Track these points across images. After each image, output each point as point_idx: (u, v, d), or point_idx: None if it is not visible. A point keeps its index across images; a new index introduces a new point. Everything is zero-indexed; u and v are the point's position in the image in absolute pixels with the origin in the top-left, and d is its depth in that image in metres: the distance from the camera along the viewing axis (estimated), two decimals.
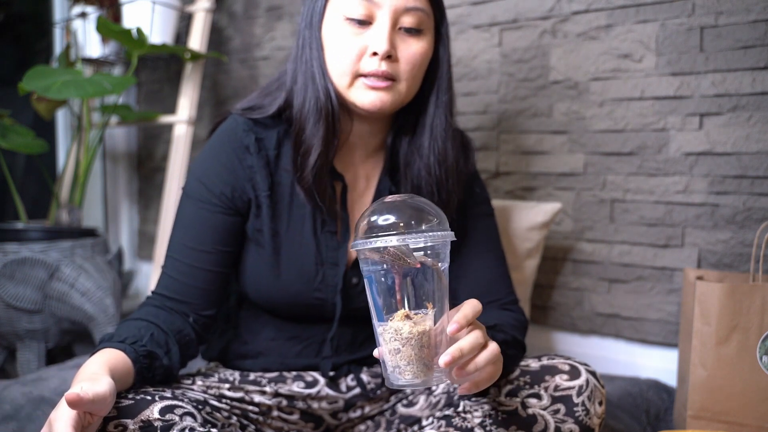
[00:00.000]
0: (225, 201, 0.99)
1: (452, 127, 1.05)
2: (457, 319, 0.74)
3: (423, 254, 0.73)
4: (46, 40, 2.38)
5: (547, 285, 1.63)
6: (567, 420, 0.88)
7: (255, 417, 0.99)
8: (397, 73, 0.96)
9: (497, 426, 0.90)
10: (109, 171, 2.52)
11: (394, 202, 0.76)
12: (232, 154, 1.00)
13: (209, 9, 2.04)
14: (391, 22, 0.94)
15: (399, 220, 0.73)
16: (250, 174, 1.00)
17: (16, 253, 1.65)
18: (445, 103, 1.03)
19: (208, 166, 1.01)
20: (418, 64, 0.98)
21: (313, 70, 0.99)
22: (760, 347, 1.12)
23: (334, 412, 1.05)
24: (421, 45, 0.98)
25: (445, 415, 0.96)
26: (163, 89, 2.44)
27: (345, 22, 0.95)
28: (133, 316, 0.94)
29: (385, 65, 0.94)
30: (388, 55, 0.94)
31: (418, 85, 1.01)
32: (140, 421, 0.77)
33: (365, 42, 0.95)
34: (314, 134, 0.98)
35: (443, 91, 1.03)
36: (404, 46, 0.96)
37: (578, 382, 0.90)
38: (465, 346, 0.73)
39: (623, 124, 1.48)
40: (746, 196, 1.36)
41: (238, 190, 1.00)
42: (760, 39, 1.32)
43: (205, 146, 1.04)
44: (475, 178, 1.14)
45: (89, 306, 1.68)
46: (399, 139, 1.07)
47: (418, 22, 0.96)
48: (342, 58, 0.96)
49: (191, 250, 0.98)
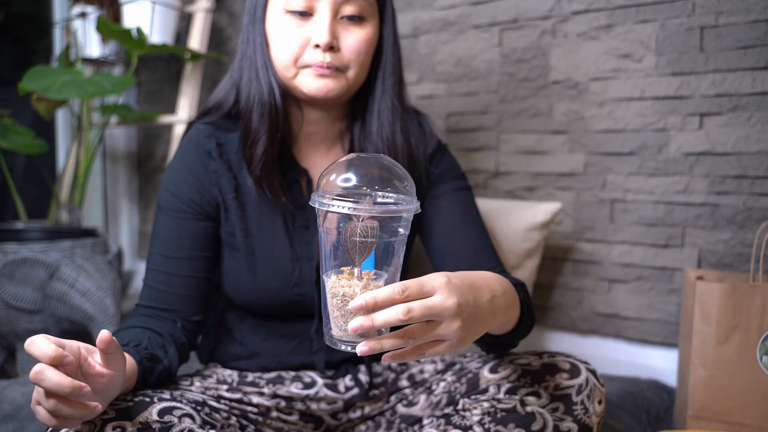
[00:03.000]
0: (194, 207, 1.00)
1: (401, 109, 1.05)
2: (367, 296, 0.66)
3: (381, 220, 0.70)
4: (46, 40, 2.38)
5: (547, 285, 1.63)
6: (566, 418, 0.88)
7: (254, 417, 0.99)
8: (342, 63, 0.97)
9: (496, 424, 0.90)
10: (109, 171, 2.52)
11: (357, 162, 0.72)
12: (197, 161, 1.01)
13: (209, 9, 2.04)
14: (332, 12, 0.95)
15: (360, 183, 0.70)
16: (216, 178, 1.01)
17: (16, 253, 1.65)
18: (391, 86, 1.03)
19: (175, 176, 1.02)
20: (363, 52, 0.98)
21: (256, 65, 1.01)
22: (760, 347, 1.12)
23: (333, 413, 1.05)
24: (365, 32, 0.98)
25: (445, 414, 0.96)
26: (163, 89, 2.44)
27: (286, 15, 0.96)
28: (125, 326, 0.95)
29: (329, 57, 0.95)
30: (330, 46, 0.95)
31: (365, 71, 1.01)
32: (139, 423, 0.77)
33: (307, 34, 0.96)
34: (259, 128, 1.00)
35: (388, 75, 1.03)
36: (347, 35, 0.97)
37: (578, 381, 0.90)
38: (379, 296, 0.66)
39: (623, 124, 1.48)
40: (746, 196, 1.35)
41: (206, 195, 1.01)
42: (760, 39, 1.31)
43: (173, 158, 1.05)
44: (441, 156, 1.11)
45: (89, 306, 1.68)
46: (353, 126, 1.07)
47: (359, 9, 0.97)
48: (285, 51, 0.97)
49: (170, 259, 0.99)
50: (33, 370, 0.64)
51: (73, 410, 0.66)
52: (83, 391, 0.64)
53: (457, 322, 0.69)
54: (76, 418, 0.68)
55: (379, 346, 0.67)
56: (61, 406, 0.66)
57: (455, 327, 0.69)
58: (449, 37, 1.72)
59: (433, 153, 1.10)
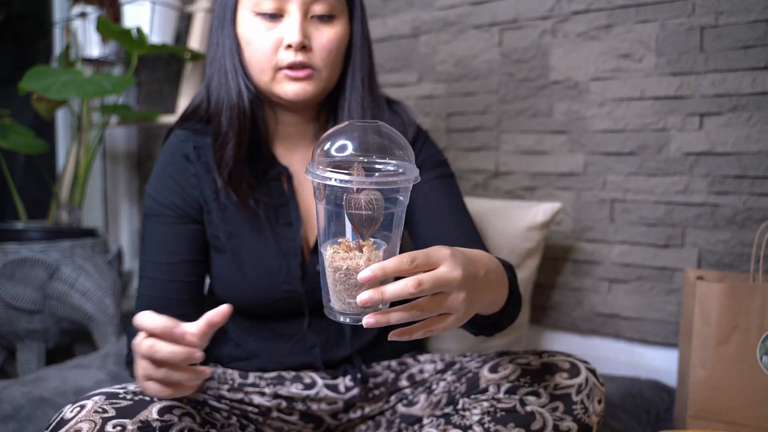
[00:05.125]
0: (178, 211, 1.01)
1: (371, 103, 1.05)
2: (375, 268, 0.64)
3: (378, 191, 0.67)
4: (46, 40, 2.38)
5: (547, 285, 1.63)
6: (565, 418, 0.88)
7: (255, 417, 0.99)
8: (314, 62, 0.97)
9: (495, 423, 0.90)
10: (109, 171, 2.52)
11: (352, 130, 0.69)
12: (176, 166, 1.03)
13: (209, 9, 2.04)
14: (302, 13, 0.96)
15: (356, 151, 0.67)
16: (196, 182, 1.02)
17: (16, 253, 1.65)
18: (360, 80, 1.04)
19: (157, 183, 1.03)
20: (335, 50, 0.99)
21: (225, 69, 1.01)
22: (760, 347, 1.12)
23: (333, 413, 1.05)
24: (335, 30, 0.99)
25: (445, 413, 0.96)
26: (163, 89, 2.43)
27: (257, 18, 0.97)
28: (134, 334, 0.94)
29: (301, 56, 0.96)
30: (302, 46, 0.96)
31: (338, 69, 1.02)
32: (139, 422, 0.77)
33: (279, 35, 0.96)
34: (228, 131, 1.00)
35: (358, 70, 1.04)
36: (318, 34, 0.97)
37: (577, 380, 0.90)
38: (388, 266, 0.64)
39: (623, 124, 1.48)
40: (746, 196, 1.36)
41: (188, 198, 1.02)
42: (760, 39, 1.31)
43: (155, 165, 1.06)
44: (422, 143, 1.11)
45: (89, 306, 1.68)
46: (327, 124, 1.08)
47: (329, 8, 0.98)
48: (259, 54, 0.97)
49: (161, 265, 1.00)
50: (145, 344, 0.70)
51: (183, 376, 0.71)
52: (196, 356, 0.69)
53: (463, 293, 0.68)
54: (188, 385, 0.72)
55: (385, 319, 0.66)
56: (172, 373, 0.71)
57: (461, 298, 0.68)
58: (449, 37, 1.72)
59: (413, 141, 1.10)
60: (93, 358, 1.51)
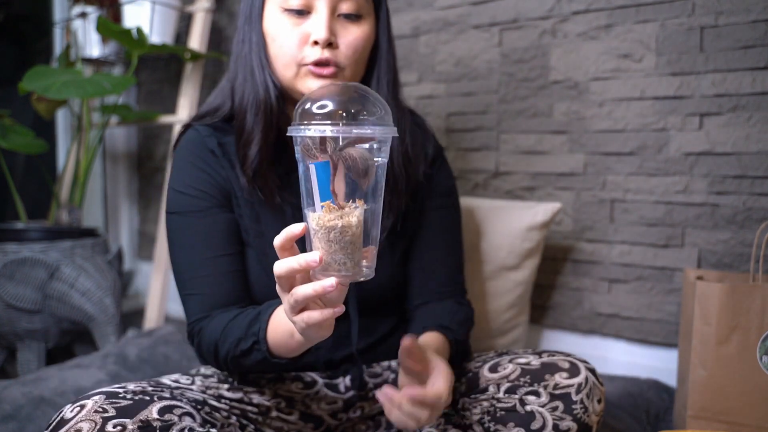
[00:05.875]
0: (210, 200, 0.99)
1: (395, 108, 1.04)
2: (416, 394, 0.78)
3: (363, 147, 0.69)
4: (46, 40, 2.38)
5: (547, 285, 1.63)
6: (565, 417, 0.88)
7: (254, 417, 0.99)
8: (339, 60, 0.97)
9: (495, 423, 0.90)
10: (109, 171, 2.52)
11: (333, 90, 0.71)
12: (203, 157, 1.01)
13: (209, 9, 2.04)
14: (330, 10, 0.95)
15: (337, 108, 0.69)
16: (226, 174, 1.01)
17: (16, 253, 1.65)
18: (386, 84, 1.04)
19: (182, 176, 1.01)
20: (360, 49, 0.98)
21: (252, 65, 1.00)
22: (760, 347, 1.12)
23: (333, 413, 1.05)
24: (362, 30, 0.98)
25: (444, 413, 0.96)
26: (163, 89, 2.44)
27: (284, 13, 0.96)
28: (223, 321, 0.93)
29: (327, 53, 0.95)
30: (328, 43, 0.95)
31: (362, 69, 1.02)
32: (139, 421, 0.77)
33: (305, 31, 0.96)
34: (253, 128, 0.99)
35: (383, 74, 1.04)
36: (344, 32, 0.97)
37: (577, 380, 0.90)
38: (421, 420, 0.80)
39: (623, 124, 1.48)
40: (746, 196, 1.36)
41: (219, 186, 1.00)
42: (760, 39, 1.32)
43: (174, 163, 1.04)
44: (440, 163, 1.13)
45: (89, 306, 1.68)
46: None
47: (356, 7, 0.97)
48: (284, 49, 0.97)
49: (212, 259, 0.97)
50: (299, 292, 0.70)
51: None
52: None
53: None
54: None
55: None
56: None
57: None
58: (449, 37, 1.72)
59: (434, 158, 1.11)
60: (93, 358, 1.51)
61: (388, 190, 1.00)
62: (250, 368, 0.91)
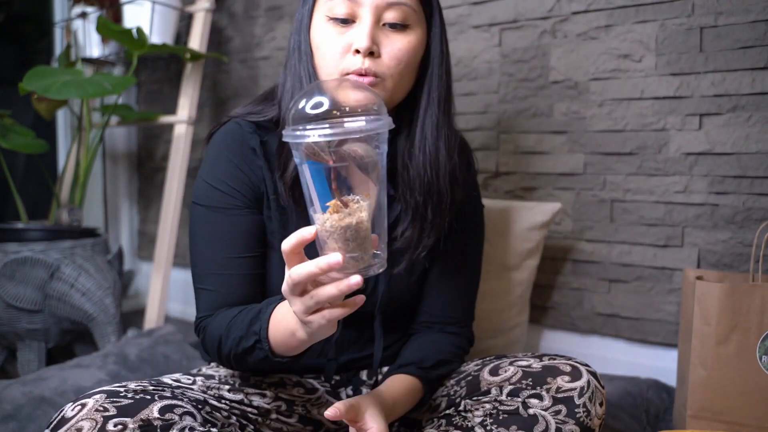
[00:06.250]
0: (246, 202, 0.98)
1: (446, 125, 1.03)
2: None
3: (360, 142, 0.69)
4: (46, 40, 2.38)
5: (547, 285, 1.63)
6: (568, 421, 0.88)
7: (254, 418, 0.99)
8: (381, 70, 0.94)
9: (498, 425, 0.90)
10: (109, 171, 2.52)
11: (323, 87, 0.70)
12: (243, 155, 0.99)
13: (209, 9, 2.04)
14: (373, 19, 0.93)
15: (330, 108, 0.68)
16: (262, 175, 0.99)
17: (16, 253, 1.65)
18: (437, 99, 1.01)
19: (219, 171, 0.99)
20: (405, 60, 0.96)
21: (300, 74, 0.99)
22: (759, 347, 1.12)
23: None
24: (408, 40, 0.96)
25: (446, 414, 0.96)
26: (163, 89, 2.44)
27: (329, 22, 0.95)
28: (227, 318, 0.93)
29: (368, 62, 0.93)
30: (370, 52, 0.93)
31: (409, 81, 0.99)
32: (140, 420, 0.77)
33: (349, 40, 0.94)
34: None
35: (434, 89, 1.01)
36: (387, 42, 0.94)
37: (580, 383, 0.90)
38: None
39: (623, 124, 1.48)
40: (746, 196, 1.36)
41: (255, 189, 0.99)
42: (760, 39, 1.32)
43: (209, 153, 1.01)
44: (473, 191, 1.13)
45: (89, 306, 1.68)
46: (397, 139, 1.05)
47: (402, 17, 0.95)
48: (327, 58, 0.95)
49: (231, 260, 0.96)
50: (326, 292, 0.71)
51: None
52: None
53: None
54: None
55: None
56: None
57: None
58: (449, 37, 1.72)
59: (471, 187, 1.12)
60: (93, 358, 1.51)
61: (432, 208, 1.00)
62: (252, 366, 0.91)
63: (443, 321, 1.09)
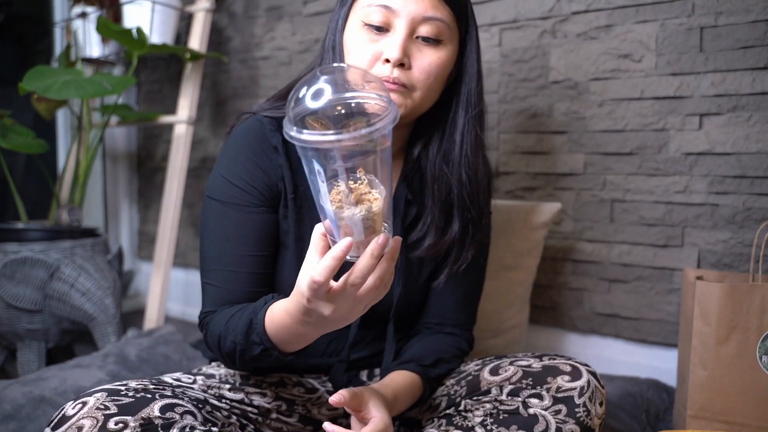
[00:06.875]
0: (265, 201, 0.97)
1: (482, 143, 1.04)
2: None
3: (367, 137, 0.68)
4: (46, 40, 2.38)
5: (547, 285, 1.63)
6: (568, 421, 0.88)
7: (254, 417, 0.99)
8: (410, 82, 0.94)
9: (498, 425, 0.90)
10: (109, 171, 2.52)
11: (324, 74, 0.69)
12: (263, 152, 0.98)
13: (209, 9, 2.04)
14: (408, 31, 0.93)
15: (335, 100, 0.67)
16: (281, 173, 0.98)
17: (16, 253, 1.65)
18: (466, 120, 1.01)
19: (237, 167, 0.98)
20: (434, 75, 0.96)
21: None
22: (759, 347, 1.12)
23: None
24: (439, 56, 0.95)
25: (446, 414, 0.96)
26: (163, 89, 2.44)
27: (363, 28, 0.95)
28: (226, 316, 0.92)
29: (397, 72, 0.93)
30: (400, 63, 0.93)
31: (435, 95, 0.99)
32: (141, 419, 0.77)
33: (380, 48, 0.94)
34: None
35: (472, 105, 1.01)
36: (419, 55, 0.94)
37: (580, 383, 0.90)
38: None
39: (623, 124, 1.48)
40: (746, 196, 1.36)
41: (273, 187, 0.98)
42: (760, 39, 1.32)
43: (228, 148, 1.01)
44: (487, 216, 1.14)
45: (89, 306, 1.68)
46: (425, 150, 1.05)
47: (437, 32, 0.94)
48: (357, 62, 0.95)
49: (241, 257, 0.96)
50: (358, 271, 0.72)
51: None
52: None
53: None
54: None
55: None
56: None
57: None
58: None
59: (490, 193, 1.14)
60: (93, 358, 1.51)
61: (473, 224, 1.04)
62: (252, 363, 0.91)
63: (445, 323, 1.09)
